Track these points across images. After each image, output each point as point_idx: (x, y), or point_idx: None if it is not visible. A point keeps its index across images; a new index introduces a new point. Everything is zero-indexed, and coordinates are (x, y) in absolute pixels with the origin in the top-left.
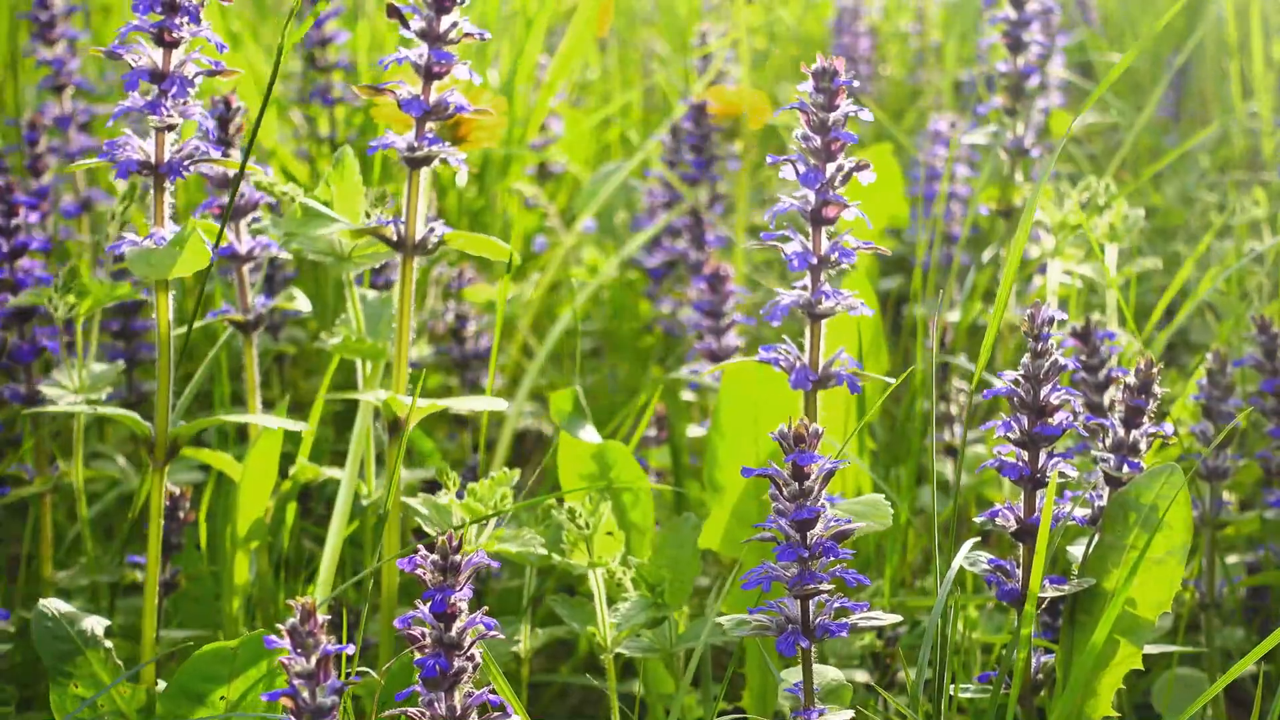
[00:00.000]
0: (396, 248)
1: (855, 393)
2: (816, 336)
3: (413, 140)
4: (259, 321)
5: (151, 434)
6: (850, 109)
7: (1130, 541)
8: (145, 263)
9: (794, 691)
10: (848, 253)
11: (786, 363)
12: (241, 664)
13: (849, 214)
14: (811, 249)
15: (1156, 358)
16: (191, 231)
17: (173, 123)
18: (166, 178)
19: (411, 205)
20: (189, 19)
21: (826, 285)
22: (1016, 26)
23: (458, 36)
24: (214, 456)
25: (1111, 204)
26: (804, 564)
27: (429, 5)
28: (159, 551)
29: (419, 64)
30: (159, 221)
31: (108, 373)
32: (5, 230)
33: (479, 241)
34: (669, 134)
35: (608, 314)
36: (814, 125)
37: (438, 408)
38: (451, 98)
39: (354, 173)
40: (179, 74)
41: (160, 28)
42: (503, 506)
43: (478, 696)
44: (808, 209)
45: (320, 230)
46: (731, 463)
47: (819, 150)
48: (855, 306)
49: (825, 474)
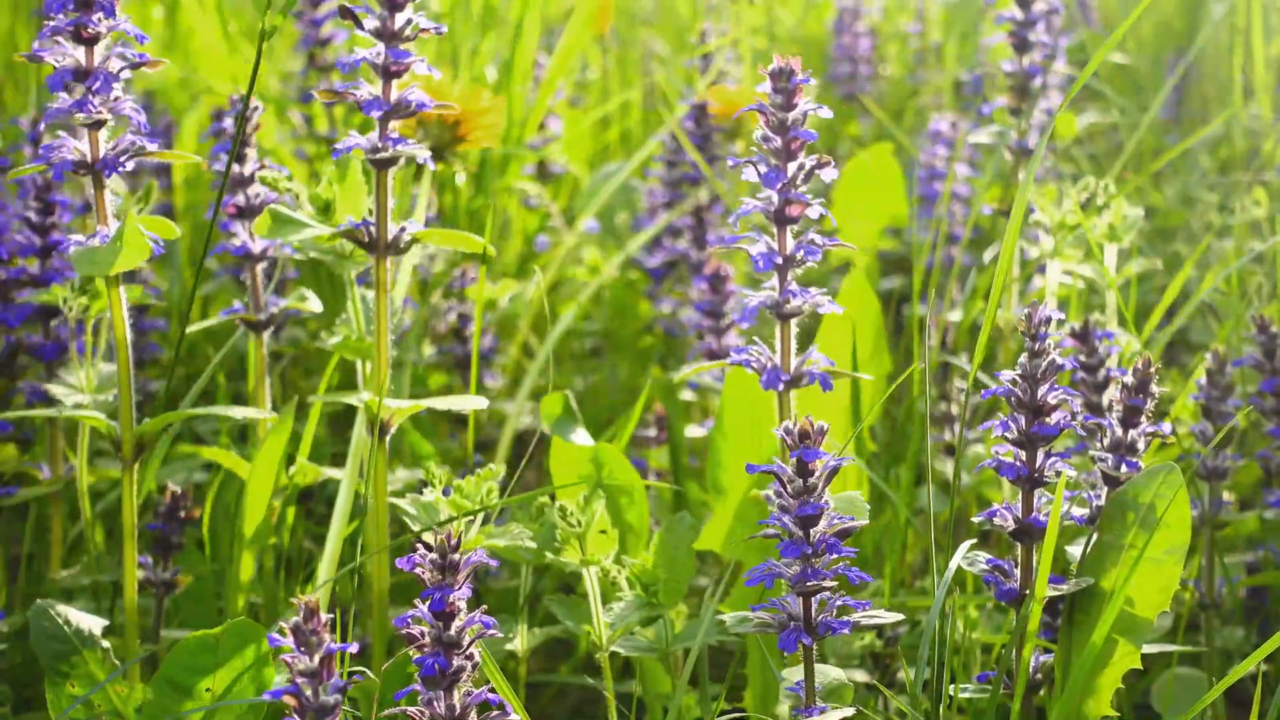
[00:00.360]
0: (368, 248)
1: (826, 390)
2: (787, 336)
3: (377, 141)
4: (271, 321)
5: (117, 433)
6: (809, 107)
7: (1128, 541)
8: (89, 260)
9: (795, 690)
10: (814, 250)
11: (758, 364)
12: (226, 654)
13: (813, 212)
14: (777, 249)
15: (1157, 358)
16: (131, 228)
17: (101, 119)
18: (104, 175)
19: (381, 205)
20: (104, 13)
21: (794, 284)
22: (1023, 26)
23: (413, 33)
24: (224, 455)
25: (1110, 204)
26: (807, 561)
27: (382, 4)
28: (134, 549)
29: (376, 63)
30: (101, 220)
31: (115, 373)
32: (40, 228)
33: (452, 237)
34: (669, 134)
35: (608, 314)
36: (773, 125)
37: (417, 408)
38: (412, 95)
39: (356, 172)
40: (103, 70)
41: (77, 25)
42: (489, 502)
43: (477, 695)
44: (771, 209)
45: (292, 235)
46: (734, 464)
47: (779, 150)
48: (823, 304)
49: (829, 471)
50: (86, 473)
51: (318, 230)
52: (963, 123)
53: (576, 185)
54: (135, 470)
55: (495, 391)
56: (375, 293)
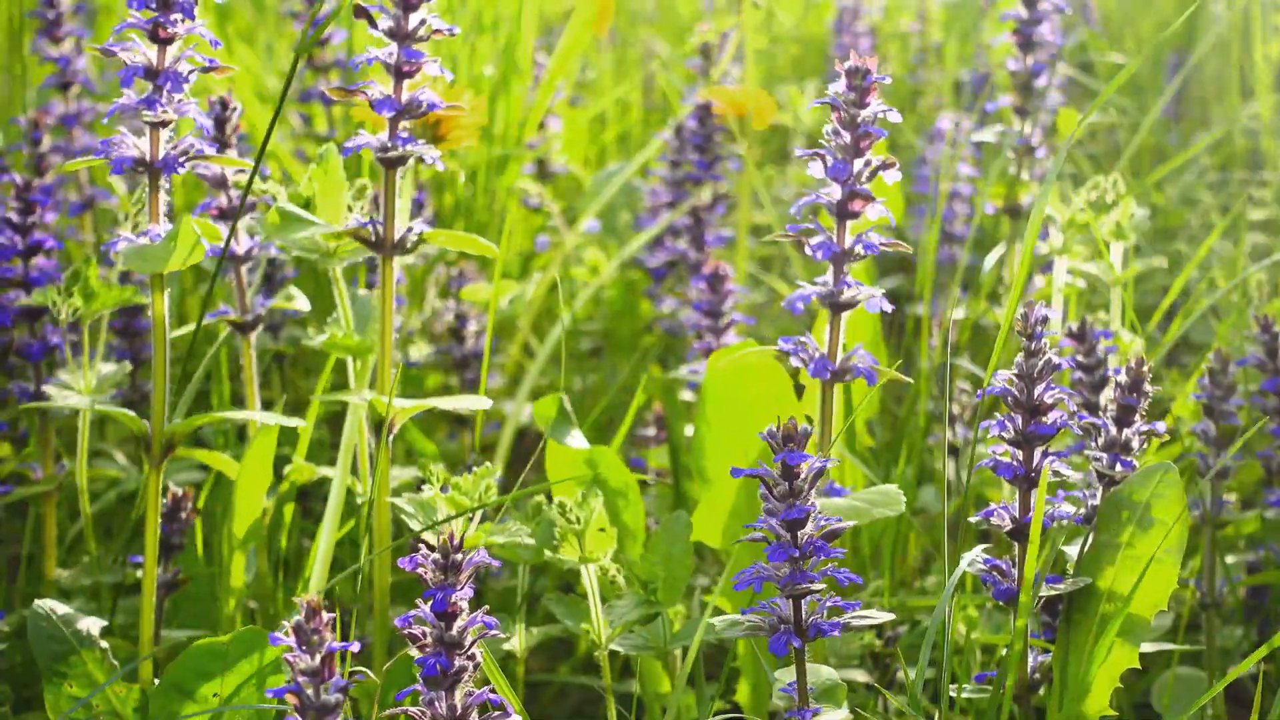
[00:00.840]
0: (375, 248)
1: (871, 385)
2: (837, 328)
3: (386, 140)
4: (257, 322)
5: (148, 432)
6: (880, 108)
7: (1125, 540)
8: (141, 258)
9: (789, 691)
10: (871, 245)
11: (805, 354)
12: (233, 659)
13: (874, 210)
14: (836, 241)
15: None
16: (185, 227)
17: (167, 119)
18: (161, 174)
19: (389, 205)
20: (183, 14)
21: (849, 277)
22: (1028, 25)
23: (426, 34)
24: (210, 456)
25: (1119, 202)
26: (795, 564)
27: (397, 4)
28: (156, 551)
29: (389, 63)
30: (154, 218)
31: (114, 373)
32: (21, 228)
33: (461, 239)
34: (672, 134)
35: (609, 314)
36: (844, 121)
37: (422, 407)
38: (424, 95)
39: (337, 170)
40: (173, 70)
41: (154, 24)
42: (487, 500)
43: (478, 696)
44: (834, 202)
45: (299, 233)
46: (718, 452)
47: (848, 146)
48: (875, 298)
49: (815, 473)
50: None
51: (323, 229)
52: (965, 122)
53: (577, 185)
54: (162, 470)
55: (495, 391)
56: (380, 292)
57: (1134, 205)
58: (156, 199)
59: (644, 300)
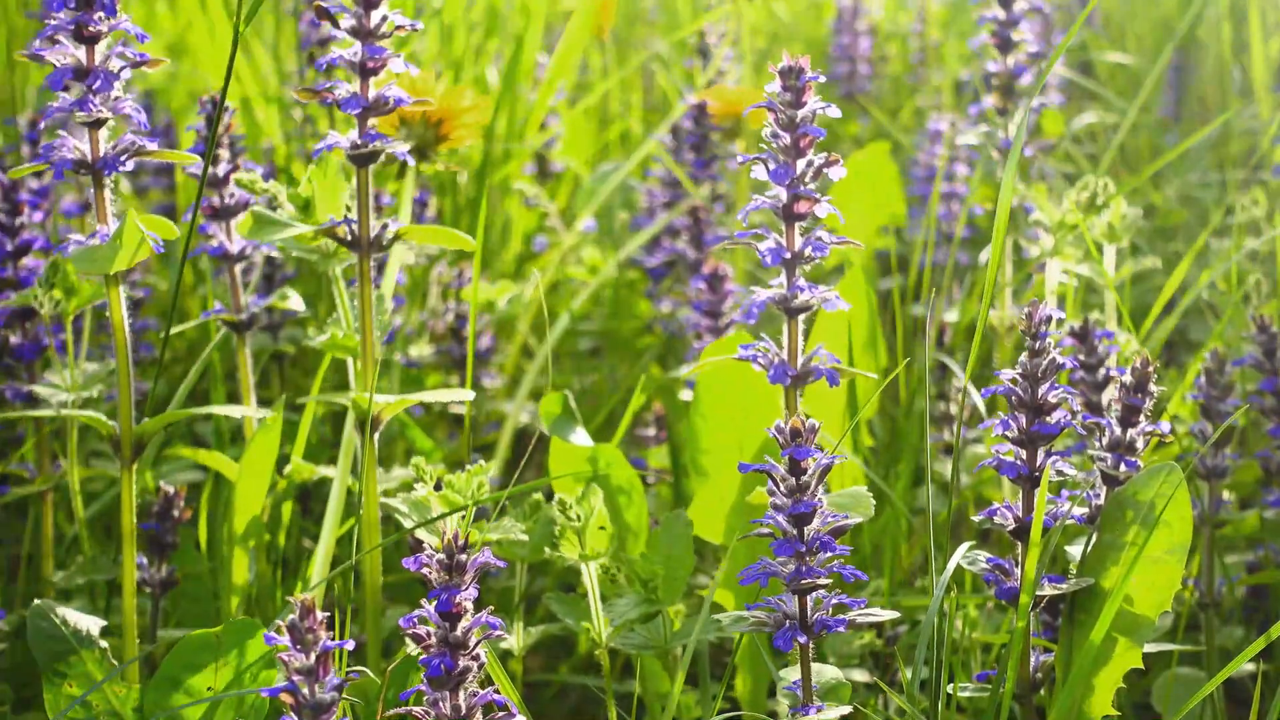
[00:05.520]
0: (351, 246)
1: (833, 386)
2: (794, 332)
3: (355, 138)
4: (252, 321)
5: (116, 432)
6: (818, 105)
7: (1129, 540)
8: (89, 260)
9: (793, 689)
10: (821, 246)
11: (765, 359)
12: (226, 652)
13: (821, 209)
14: (785, 245)
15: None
16: (129, 225)
17: (101, 118)
18: (104, 174)
19: (362, 203)
20: (105, 12)
21: (801, 280)
22: (1005, 26)
23: (389, 30)
24: (209, 456)
25: (1110, 203)
26: (801, 559)
27: (358, 2)
28: (134, 550)
29: (354, 61)
30: (101, 219)
31: (99, 372)
32: (9, 229)
33: (438, 234)
34: (669, 133)
35: (607, 314)
36: (782, 123)
37: (405, 403)
38: (390, 91)
39: (335, 170)
40: (103, 69)
41: (78, 23)
42: (480, 497)
43: (482, 696)
44: (780, 206)
45: (275, 235)
46: (714, 446)
47: (788, 147)
48: (830, 300)
49: (822, 469)
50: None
51: (298, 229)
52: (961, 122)
53: (576, 185)
54: (134, 470)
55: (494, 391)
56: (359, 289)
57: (1125, 205)
58: (102, 198)
59: (643, 300)
